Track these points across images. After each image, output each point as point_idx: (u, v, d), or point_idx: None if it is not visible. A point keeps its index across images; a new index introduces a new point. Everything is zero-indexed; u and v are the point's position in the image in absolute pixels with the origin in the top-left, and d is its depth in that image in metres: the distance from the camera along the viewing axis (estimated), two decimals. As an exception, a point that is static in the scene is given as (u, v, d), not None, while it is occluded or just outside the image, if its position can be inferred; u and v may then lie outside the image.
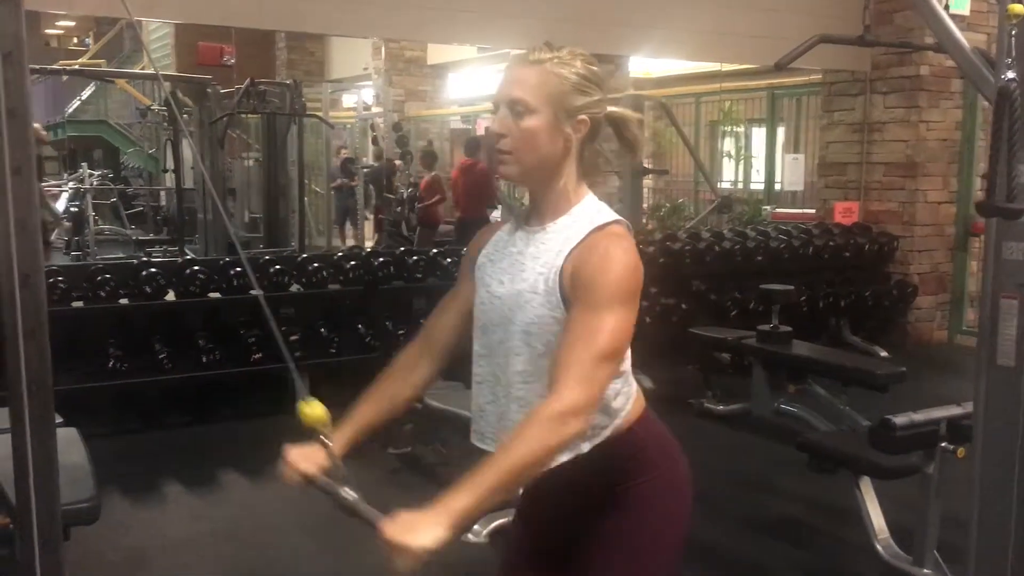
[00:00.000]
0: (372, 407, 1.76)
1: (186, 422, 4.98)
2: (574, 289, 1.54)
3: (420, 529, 1.34)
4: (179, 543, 3.58)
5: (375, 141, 12.44)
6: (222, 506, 4.04)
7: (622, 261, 1.52)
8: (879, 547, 3.37)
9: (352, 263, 5.31)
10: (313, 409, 1.57)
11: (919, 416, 3.18)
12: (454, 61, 13.39)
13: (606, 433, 1.61)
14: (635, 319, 1.54)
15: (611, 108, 1.62)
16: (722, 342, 5.13)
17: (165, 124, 10.52)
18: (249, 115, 8.70)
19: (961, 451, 3.17)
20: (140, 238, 11.58)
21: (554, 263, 1.57)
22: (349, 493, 1.55)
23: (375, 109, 13.92)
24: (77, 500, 2.58)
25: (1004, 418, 2.56)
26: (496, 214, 8.89)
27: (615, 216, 1.62)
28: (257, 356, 4.94)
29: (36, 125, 10.02)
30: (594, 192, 1.67)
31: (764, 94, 9.06)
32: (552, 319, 1.56)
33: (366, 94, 13.97)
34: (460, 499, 1.38)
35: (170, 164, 9.63)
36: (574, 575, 1.66)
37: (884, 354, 6.64)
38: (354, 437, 1.70)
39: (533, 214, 1.67)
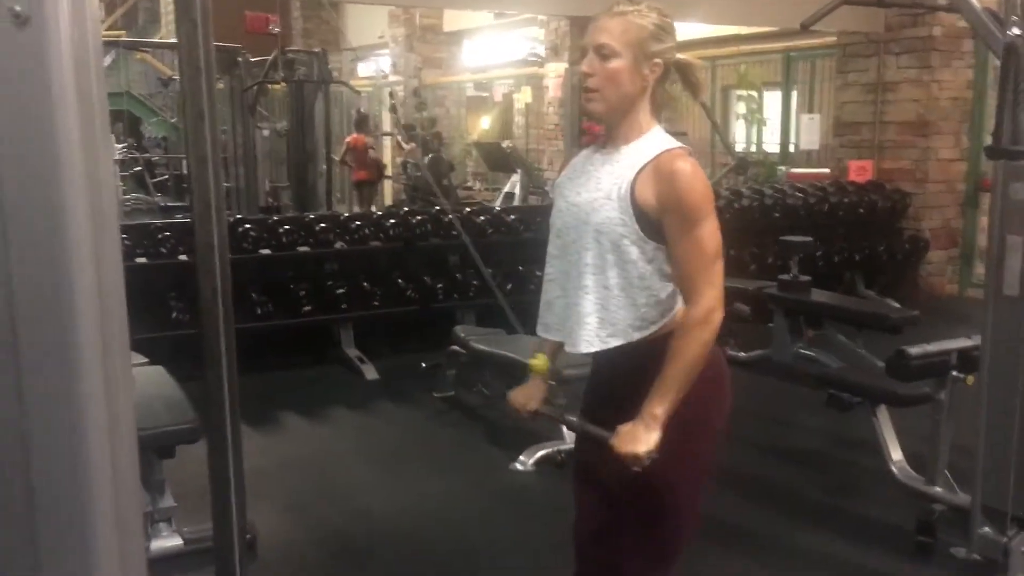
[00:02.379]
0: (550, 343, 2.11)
1: (240, 370, 5.29)
2: (664, 210, 1.82)
3: (640, 438, 1.77)
4: (252, 472, 3.88)
5: (393, 109, 12.68)
6: (285, 442, 4.37)
7: (698, 178, 1.82)
8: (894, 469, 3.67)
9: (392, 222, 5.60)
10: (539, 361, 2.09)
11: (932, 347, 3.47)
12: (469, 28, 13.57)
13: (653, 328, 1.87)
14: (718, 231, 1.85)
15: (679, 55, 1.90)
16: (744, 292, 5.40)
17: (192, 93, 10.71)
18: (277, 84, 8.93)
19: (970, 379, 3.46)
20: (168, 204, 11.85)
21: (626, 175, 1.86)
22: (572, 418, 2.02)
23: (392, 77, 14.14)
24: (181, 422, 2.90)
25: (1008, 343, 2.86)
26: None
27: (678, 143, 1.90)
28: (307, 308, 5.24)
29: None
30: None
31: (779, 57, 9.24)
32: (620, 221, 1.84)
33: (384, 62, 14.17)
34: (657, 406, 1.79)
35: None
36: None
37: (897, 306, 6.91)
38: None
39: (609, 141, 1.95)
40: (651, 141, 1.88)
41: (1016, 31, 2.52)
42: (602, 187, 1.88)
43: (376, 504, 3.65)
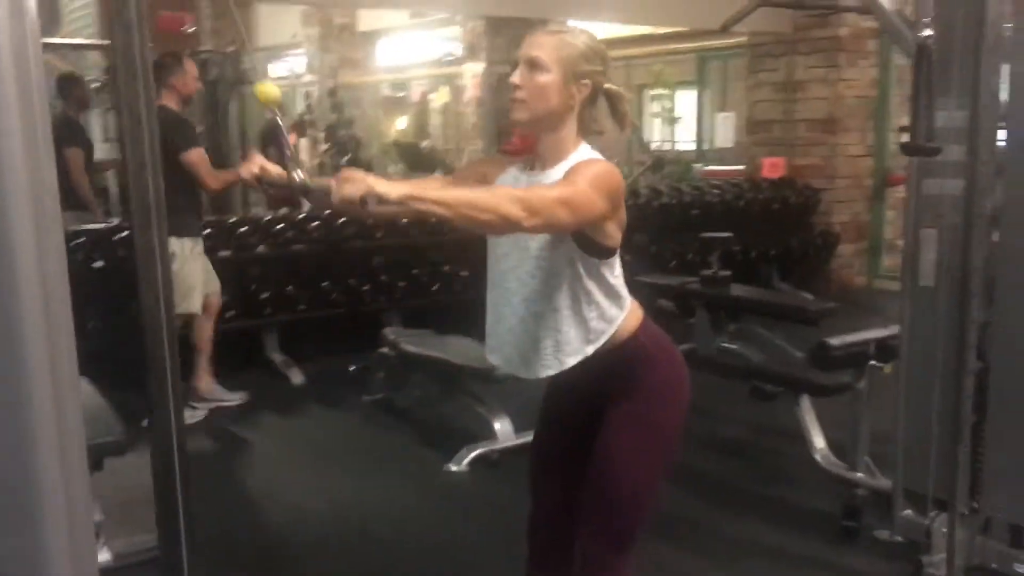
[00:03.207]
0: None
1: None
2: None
3: (361, 179, 1.61)
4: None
5: (309, 109, 12.53)
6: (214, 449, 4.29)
7: (601, 163, 1.87)
8: (818, 457, 3.80)
9: (315, 224, 5.53)
10: (267, 87, 1.85)
11: (851, 338, 3.61)
12: (385, 28, 13.47)
13: (604, 338, 1.93)
14: (605, 210, 1.82)
15: (608, 85, 1.95)
16: (668, 288, 5.50)
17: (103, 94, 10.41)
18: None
19: (888, 368, 3.60)
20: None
21: None
22: (300, 175, 1.82)
23: (307, 77, 13.95)
24: (108, 434, 2.81)
25: (926, 331, 2.98)
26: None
27: (601, 157, 1.94)
28: (230, 314, 5.14)
29: None
30: None
31: (693, 57, 9.44)
32: (559, 241, 1.88)
33: (298, 62, 13.97)
34: (405, 185, 1.67)
35: (112, 134, 9.58)
36: (593, 456, 2.00)
37: (811, 298, 7.12)
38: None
39: (537, 161, 1.98)
40: (576, 159, 1.91)
41: (928, 32, 2.63)
42: None
43: (310, 509, 3.60)
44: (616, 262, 1.96)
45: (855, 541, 3.25)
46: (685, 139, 10.34)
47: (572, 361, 1.93)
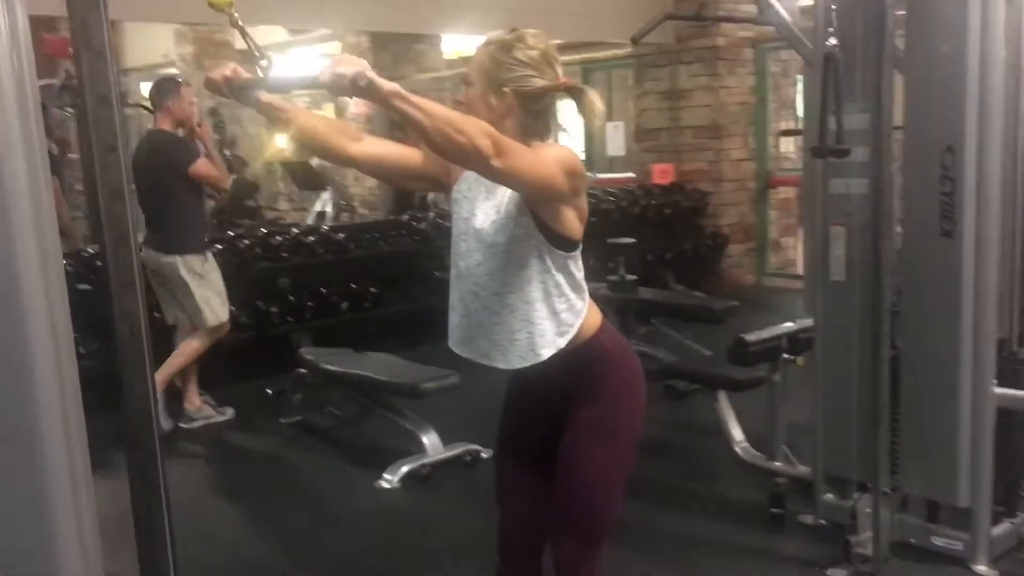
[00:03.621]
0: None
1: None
2: None
3: (349, 62, 1.65)
4: (101, 519, 3.67)
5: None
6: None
7: (562, 147, 1.95)
8: (738, 449, 3.96)
9: (219, 248, 5.39)
10: None
11: (765, 333, 3.78)
12: (264, 45, 13.20)
13: (573, 331, 1.98)
14: (565, 188, 1.88)
15: (571, 83, 2.00)
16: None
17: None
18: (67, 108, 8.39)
19: (800, 360, 3.79)
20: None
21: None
22: (269, 62, 1.84)
23: (184, 97, 13.55)
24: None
25: (839, 324, 3.16)
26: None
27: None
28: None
29: None
30: None
31: (577, 69, 9.63)
32: (526, 235, 1.92)
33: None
34: (388, 82, 1.67)
35: None
36: (559, 459, 2.05)
37: (704, 297, 7.37)
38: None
39: None
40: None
41: (833, 41, 2.80)
42: (500, 208, 1.95)
43: (242, 541, 3.52)
44: (579, 256, 2.01)
45: (782, 527, 3.39)
46: (575, 149, 10.52)
47: (547, 353, 1.96)
